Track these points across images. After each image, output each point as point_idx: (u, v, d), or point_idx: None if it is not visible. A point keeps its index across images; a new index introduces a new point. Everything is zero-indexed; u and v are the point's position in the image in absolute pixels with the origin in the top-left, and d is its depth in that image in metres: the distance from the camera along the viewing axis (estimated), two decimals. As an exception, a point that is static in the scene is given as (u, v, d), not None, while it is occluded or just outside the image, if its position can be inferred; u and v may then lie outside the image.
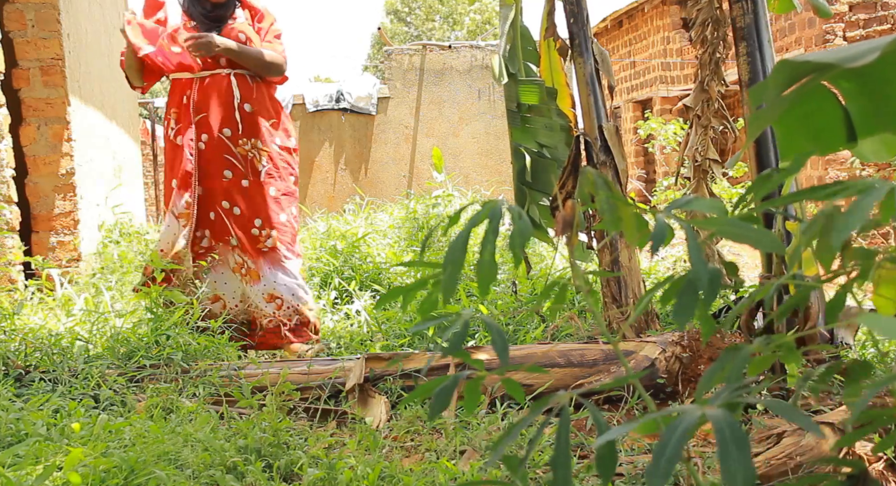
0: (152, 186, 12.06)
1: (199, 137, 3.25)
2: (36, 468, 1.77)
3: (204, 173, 3.26)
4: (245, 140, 3.26)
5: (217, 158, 3.25)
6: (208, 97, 3.24)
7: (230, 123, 3.25)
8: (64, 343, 3.02)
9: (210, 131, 3.24)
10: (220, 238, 3.29)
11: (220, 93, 3.24)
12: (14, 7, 4.58)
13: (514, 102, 3.04)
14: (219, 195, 3.26)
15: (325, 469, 1.86)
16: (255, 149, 3.28)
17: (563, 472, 0.60)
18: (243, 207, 3.28)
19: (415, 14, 31.82)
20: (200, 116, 3.25)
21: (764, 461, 1.85)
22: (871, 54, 0.58)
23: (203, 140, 3.25)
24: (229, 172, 3.26)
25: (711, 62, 3.12)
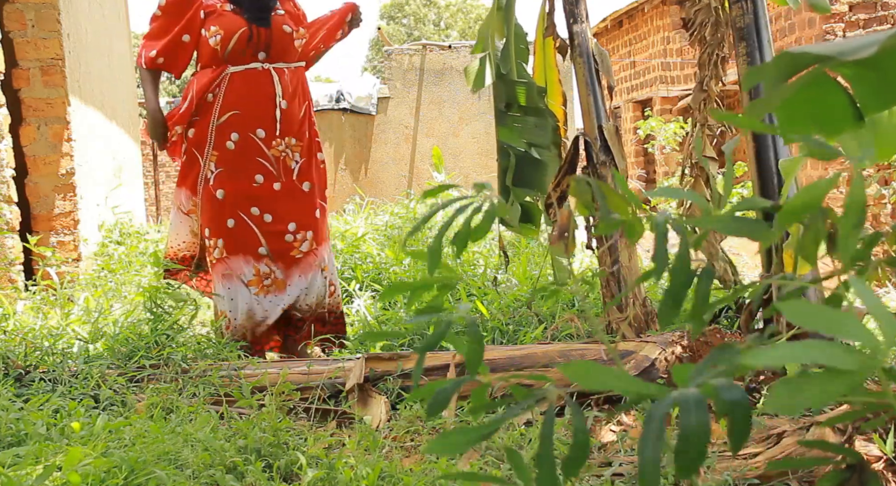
0: (152, 186, 12.06)
1: (228, 136, 2.96)
2: (36, 468, 1.77)
3: (229, 176, 2.97)
4: (279, 140, 3.01)
5: (248, 160, 2.98)
6: (241, 94, 2.96)
7: (265, 124, 3.00)
8: (64, 343, 3.02)
9: (242, 131, 2.97)
10: (239, 250, 2.99)
11: (256, 90, 2.97)
12: (14, 7, 4.58)
13: (502, 102, 3.05)
14: (243, 202, 2.97)
15: (325, 469, 1.86)
16: (289, 148, 3.04)
17: (547, 468, 0.61)
18: (275, 213, 3.01)
19: (410, 17, 31.90)
20: (231, 114, 2.96)
21: (764, 461, 1.85)
22: (869, 48, 0.58)
23: (233, 140, 2.96)
24: (260, 177, 2.99)
25: (710, 62, 3.13)
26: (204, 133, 2.99)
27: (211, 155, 2.96)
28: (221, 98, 2.96)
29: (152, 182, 12.08)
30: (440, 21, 31.79)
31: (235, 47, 2.92)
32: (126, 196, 6.07)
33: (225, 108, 2.95)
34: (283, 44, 3.02)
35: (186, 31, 2.99)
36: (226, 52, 2.93)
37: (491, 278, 3.86)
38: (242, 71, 2.95)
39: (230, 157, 2.95)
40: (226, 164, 2.95)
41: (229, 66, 2.95)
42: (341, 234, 4.88)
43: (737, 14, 2.60)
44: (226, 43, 2.92)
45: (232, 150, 2.95)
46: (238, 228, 2.95)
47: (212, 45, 2.94)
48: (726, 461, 1.91)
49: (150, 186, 12.13)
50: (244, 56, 2.95)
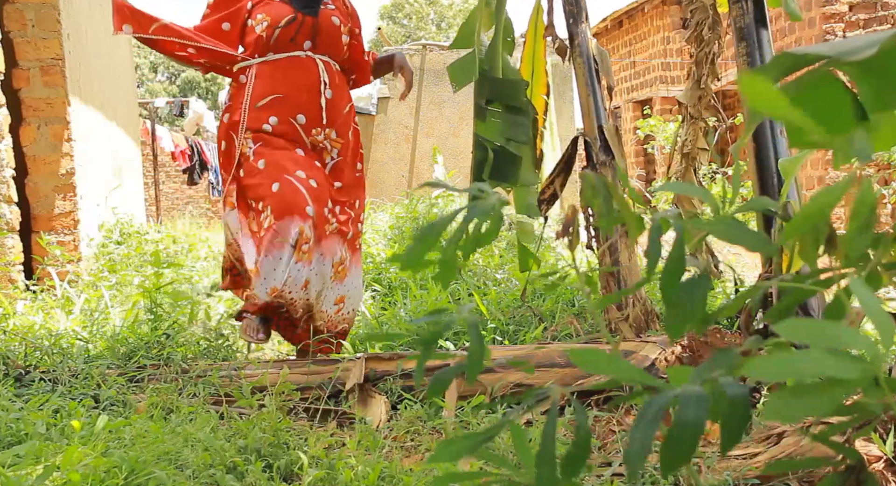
0: (152, 186, 12.06)
1: (266, 119, 2.88)
2: (36, 468, 1.77)
3: (268, 149, 2.88)
4: (319, 130, 2.94)
5: (287, 141, 2.91)
6: (284, 79, 2.89)
7: (307, 110, 2.91)
8: (64, 343, 3.02)
9: (282, 115, 2.89)
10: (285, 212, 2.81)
11: (300, 76, 2.90)
12: (14, 7, 4.58)
13: (483, 97, 3.06)
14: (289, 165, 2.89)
15: (326, 469, 1.86)
16: (329, 140, 2.97)
17: (548, 466, 0.61)
18: (319, 182, 2.93)
19: (409, 18, 31.91)
20: (272, 98, 2.89)
21: (764, 461, 1.85)
22: (870, 48, 0.58)
23: (271, 123, 2.89)
24: (301, 151, 2.93)
25: (707, 60, 3.15)
26: (236, 116, 2.94)
27: (247, 134, 2.90)
28: (253, 81, 2.91)
29: (152, 182, 12.08)
30: (441, 21, 31.83)
31: (281, 34, 2.87)
32: (126, 196, 6.07)
33: (264, 91, 2.88)
34: (330, 35, 2.96)
35: (228, 20, 2.93)
36: (272, 39, 2.87)
37: (491, 278, 3.86)
38: (286, 57, 2.90)
39: (267, 137, 2.89)
40: (264, 141, 2.88)
41: (272, 53, 2.90)
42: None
43: (737, 14, 2.60)
44: (272, 29, 2.87)
45: (269, 132, 2.89)
46: (285, 188, 2.80)
47: (258, 33, 2.89)
48: (726, 461, 1.91)
49: (150, 186, 12.14)
50: (290, 44, 2.89)
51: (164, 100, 13.03)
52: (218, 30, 2.92)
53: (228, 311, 3.72)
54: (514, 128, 3.02)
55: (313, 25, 2.91)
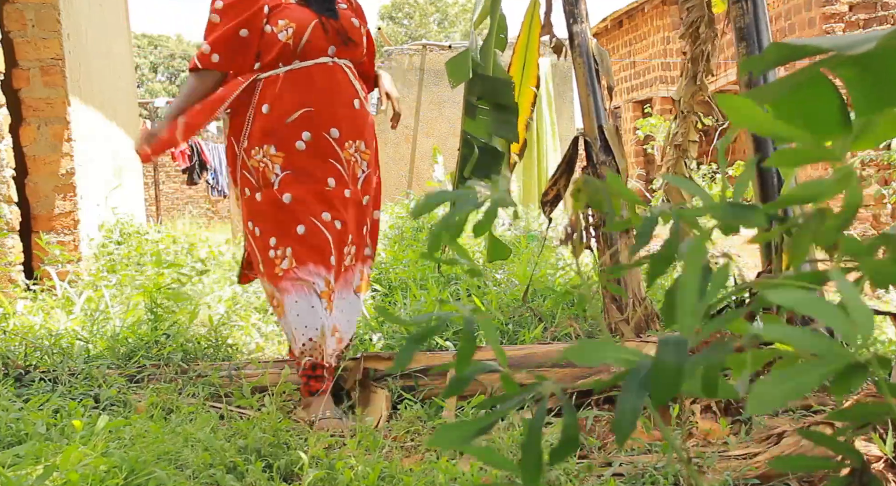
0: (152, 186, 12.06)
1: (299, 135, 2.60)
2: (36, 468, 1.77)
3: (297, 179, 2.60)
4: (351, 142, 2.68)
5: (320, 162, 2.63)
6: (314, 90, 2.63)
7: (339, 123, 2.65)
8: (64, 343, 3.02)
9: (315, 130, 2.61)
10: (309, 258, 2.59)
11: (330, 86, 2.66)
12: (14, 7, 4.58)
13: (474, 95, 3.06)
14: (315, 206, 2.60)
15: (325, 469, 1.86)
16: (359, 152, 2.72)
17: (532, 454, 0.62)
18: (344, 222, 2.67)
19: (410, 17, 31.93)
20: (303, 111, 2.60)
21: (764, 461, 1.85)
22: (868, 43, 0.58)
23: (304, 139, 2.60)
24: (332, 181, 2.63)
25: (703, 58, 3.17)
26: (240, 126, 2.66)
27: (275, 156, 2.59)
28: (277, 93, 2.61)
29: (152, 182, 12.08)
30: (444, 20, 31.85)
31: (309, 41, 2.63)
32: (126, 196, 6.07)
33: (294, 104, 2.60)
34: (353, 38, 2.74)
35: (245, 26, 2.61)
36: (299, 47, 2.63)
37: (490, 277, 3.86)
38: (314, 65, 2.65)
39: (300, 158, 2.60)
40: (294, 166, 2.59)
41: (297, 61, 2.64)
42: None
43: (737, 14, 2.60)
44: (299, 36, 2.62)
45: (303, 151, 2.59)
46: (310, 234, 2.58)
47: (282, 40, 2.61)
48: (726, 461, 1.91)
49: (150, 186, 12.14)
50: (317, 50, 2.65)
51: (164, 100, 13.03)
52: (235, 37, 2.61)
53: (228, 311, 3.72)
54: (501, 126, 3.02)
55: (337, 28, 2.70)
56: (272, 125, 2.59)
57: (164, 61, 32.08)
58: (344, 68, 2.69)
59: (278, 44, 2.61)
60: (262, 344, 3.44)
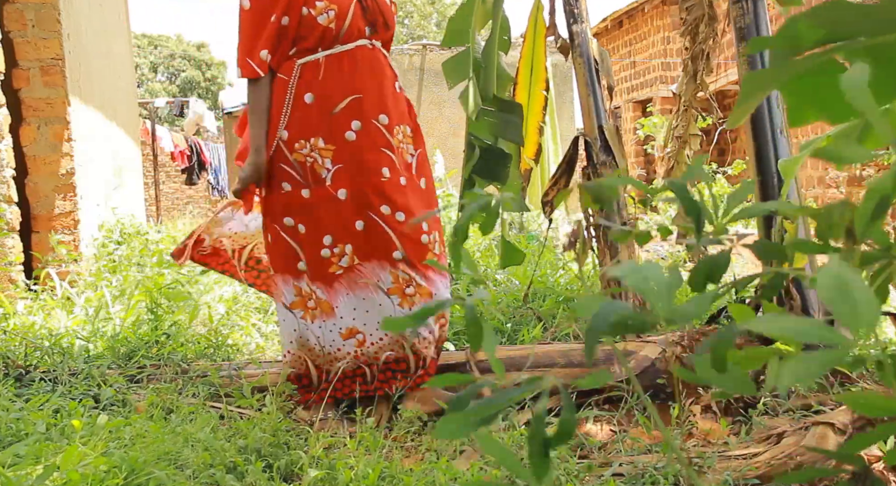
0: (152, 186, 12.06)
1: (348, 124, 2.44)
2: (36, 468, 1.77)
3: (350, 172, 2.44)
4: (398, 128, 2.53)
5: (372, 152, 2.46)
6: (358, 75, 2.46)
7: (387, 108, 2.49)
8: (64, 343, 3.02)
9: (364, 118, 2.45)
10: (372, 255, 2.45)
11: (373, 70, 2.50)
12: (14, 7, 4.58)
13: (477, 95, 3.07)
14: (374, 198, 2.44)
15: (325, 469, 1.86)
16: (406, 137, 2.57)
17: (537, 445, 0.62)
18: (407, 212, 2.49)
19: (410, 17, 31.94)
20: (351, 99, 2.44)
21: (764, 461, 1.85)
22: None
23: (354, 129, 2.44)
24: (387, 170, 2.46)
25: (703, 55, 3.19)
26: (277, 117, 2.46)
27: (324, 150, 2.43)
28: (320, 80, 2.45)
29: (152, 182, 12.08)
30: (443, 20, 31.87)
31: (352, 24, 2.46)
32: (126, 196, 6.07)
33: (340, 91, 2.44)
34: (388, 18, 2.58)
35: (286, 13, 2.43)
36: (342, 30, 2.45)
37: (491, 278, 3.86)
38: (356, 48, 2.47)
39: (352, 150, 2.43)
40: (346, 159, 2.43)
41: (339, 45, 2.47)
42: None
43: (737, 14, 2.60)
44: (342, 19, 2.44)
45: (353, 141, 2.43)
46: (369, 230, 2.44)
47: (323, 24, 2.43)
48: (726, 461, 1.91)
49: (150, 186, 12.14)
50: (357, 32, 2.48)
51: (164, 100, 13.03)
52: (275, 27, 2.43)
53: (228, 311, 3.72)
54: (506, 127, 3.02)
55: (374, 9, 2.52)
56: (318, 116, 2.42)
57: (164, 61, 32.09)
58: (381, 50, 2.54)
59: (319, 28, 2.43)
60: (263, 344, 3.44)
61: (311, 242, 2.44)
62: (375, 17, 2.51)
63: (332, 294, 2.44)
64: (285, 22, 2.43)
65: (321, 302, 2.45)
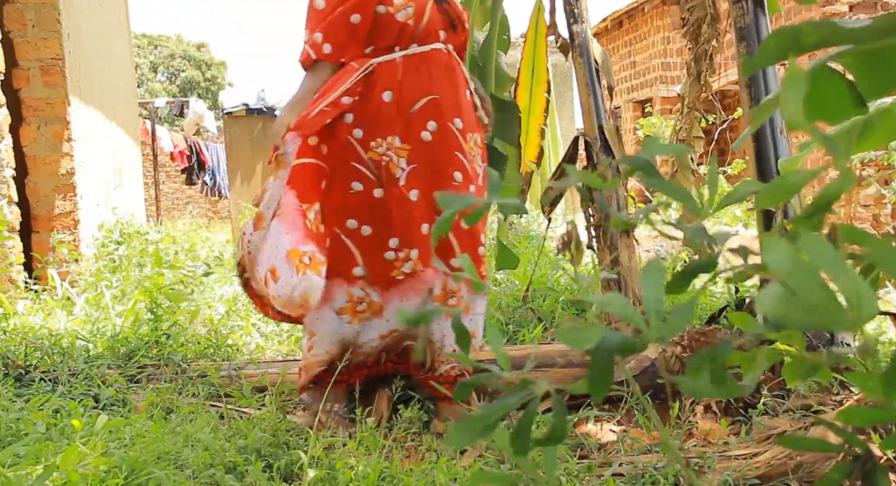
0: (152, 186, 12.06)
1: (425, 125, 2.36)
2: (36, 468, 1.77)
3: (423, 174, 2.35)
4: (471, 134, 2.46)
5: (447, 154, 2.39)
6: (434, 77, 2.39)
7: (461, 113, 2.42)
8: (64, 343, 3.02)
9: (440, 120, 2.38)
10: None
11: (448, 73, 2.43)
12: (14, 7, 4.58)
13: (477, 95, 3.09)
14: None
15: (325, 469, 1.86)
16: (476, 145, 2.49)
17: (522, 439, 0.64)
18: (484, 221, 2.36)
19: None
20: (428, 99, 2.37)
21: (764, 461, 1.85)
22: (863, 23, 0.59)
23: (430, 130, 2.36)
24: (459, 175, 2.38)
25: (706, 56, 3.19)
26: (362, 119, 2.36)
27: (400, 149, 2.36)
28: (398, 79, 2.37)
29: (152, 182, 12.08)
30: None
31: (428, 24, 2.40)
32: (126, 196, 6.07)
33: (416, 92, 2.37)
34: (462, 21, 2.51)
35: (357, 10, 2.35)
36: (419, 29, 2.39)
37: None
38: (431, 50, 2.41)
39: (427, 150, 2.36)
40: (420, 159, 2.35)
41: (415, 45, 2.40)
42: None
43: (737, 14, 2.60)
44: (419, 17, 2.38)
45: (429, 142, 2.36)
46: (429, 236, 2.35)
47: (401, 21, 2.37)
48: (726, 461, 1.91)
49: (150, 186, 12.14)
50: (432, 34, 2.41)
51: (164, 100, 13.03)
52: (346, 23, 2.36)
53: (228, 311, 3.73)
54: (502, 127, 3.02)
55: (449, 12, 2.46)
56: (396, 115, 2.34)
57: (164, 61, 32.09)
58: (455, 55, 2.47)
59: (397, 25, 2.37)
60: (263, 344, 3.44)
61: (376, 244, 2.34)
62: (450, 21, 2.44)
63: (385, 298, 2.36)
64: (356, 19, 2.35)
65: (372, 304, 2.36)
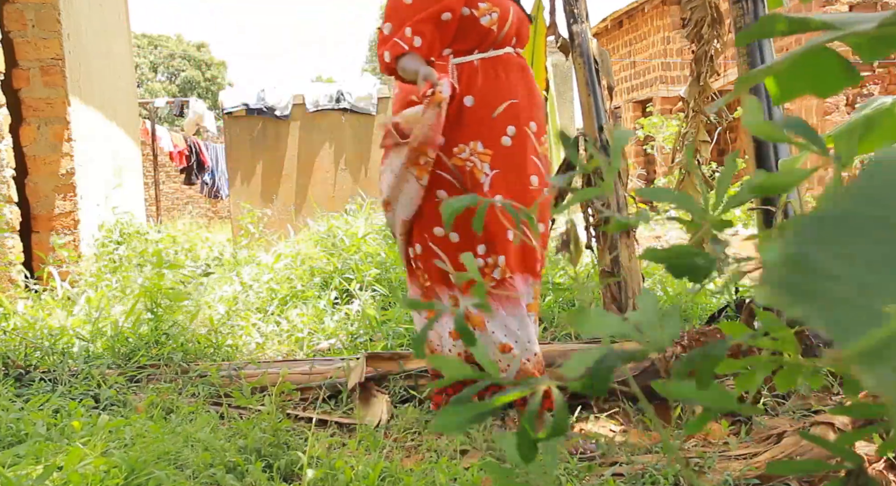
0: (152, 186, 12.06)
1: (504, 129, 2.34)
2: (36, 468, 1.77)
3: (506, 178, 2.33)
4: (544, 137, 2.46)
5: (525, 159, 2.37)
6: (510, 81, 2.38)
7: (536, 116, 2.41)
8: (64, 343, 3.02)
9: (518, 124, 2.36)
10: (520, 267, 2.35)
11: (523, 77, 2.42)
12: (14, 7, 4.58)
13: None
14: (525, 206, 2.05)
15: (326, 469, 1.86)
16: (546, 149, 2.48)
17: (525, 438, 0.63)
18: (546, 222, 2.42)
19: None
20: (508, 104, 2.35)
21: (764, 461, 1.85)
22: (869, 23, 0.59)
23: (510, 134, 2.35)
24: (535, 179, 2.37)
25: (707, 58, 3.18)
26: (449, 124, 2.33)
27: (483, 154, 2.33)
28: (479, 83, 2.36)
29: (152, 182, 12.08)
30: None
31: (509, 29, 2.39)
32: (126, 196, 6.07)
33: (498, 96, 2.36)
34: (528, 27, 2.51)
35: (448, 9, 2.34)
36: (501, 34, 2.38)
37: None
38: (506, 54, 2.40)
39: (506, 154, 2.34)
40: (502, 164, 2.33)
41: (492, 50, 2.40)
42: (343, 233, 4.89)
43: (737, 14, 2.60)
44: (503, 22, 2.38)
45: (508, 146, 2.34)
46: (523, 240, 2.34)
47: (485, 25, 2.36)
48: (726, 461, 1.91)
49: (150, 186, 12.14)
50: (508, 39, 2.41)
51: (164, 100, 13.03)
52: (436, 21, 2.34)
53: (228, 311, 3.72)
54: None
55: (521, 19, 2.47)
56: (478, 119, 2.32)
57: (164, 61, 32.09)
58: (523, 57, 2.46)
59: (480, 29, 2.36)
60: (263, 344, 3.44)
61: (464, 251, 2.28)
62: (519, 29, 2.45)
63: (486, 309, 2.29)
64: (446, 17, 2.34)
65: (472, 317, 2.30)
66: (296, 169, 9.00)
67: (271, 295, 4.10)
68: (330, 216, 5.46)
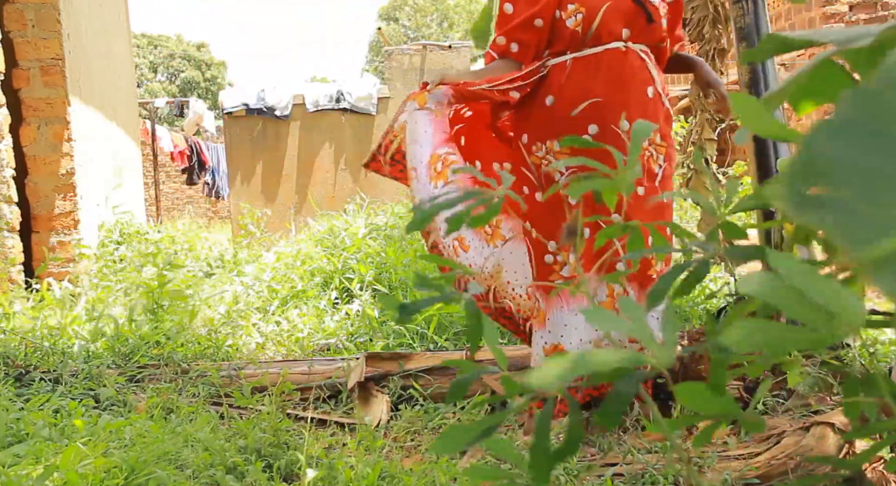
0: (152, 186, 12.07)
1: (585, 128, 2.33)
2: (36, 468, 1.77)
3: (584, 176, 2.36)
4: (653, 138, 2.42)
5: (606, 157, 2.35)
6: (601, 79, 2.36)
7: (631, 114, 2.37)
8: (64, 343, 3.02)
9: (602, 122, 2.34)
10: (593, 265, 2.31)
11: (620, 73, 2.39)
12: (14, 7, 4.58)
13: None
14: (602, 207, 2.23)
15: (325, 469, 1.86)
16: (654, 145, 2.43)
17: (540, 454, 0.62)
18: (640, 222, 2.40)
19: (410, 18, 31.98)
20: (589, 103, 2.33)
21: (764, 461, 1.85)
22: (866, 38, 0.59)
23: (591, 133, 2.33)
24: None
25: (709, 57, 3.19)
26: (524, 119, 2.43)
27: (559, 153, 2.35)
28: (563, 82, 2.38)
29: (152, 182, 12.09)
30: (443, 20, 31.88)
31: (600, 26, 2.37)
32: (126, 196, 6.07)
33: (578, 95, 2.35)
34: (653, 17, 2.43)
35: (540, 16, 2.38)
36: (588, 34, 2.38)
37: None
38: (604, 51, 2.38)
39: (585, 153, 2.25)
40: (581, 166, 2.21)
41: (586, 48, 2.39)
42: (344, 233, 4.89)
43: (737, 14, 2.60)
44: (589, 22, 2.37)
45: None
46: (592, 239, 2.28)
47: (570, 27, 2.38)
48: (726, 461, 1.91)
49: (150, 186, 12.14)
50: (609, 34, 2.38)
51: (164, 100, 13.04)
52: (530, 27, 2.40)
53: (229, 311, 3.72)
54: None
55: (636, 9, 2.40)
56: (555, 118, 2.35)
57: (164, 61, 32.09)
58: (639, 54, 2.41)
59: (566, 31, 2.38)
60: (263, 344, 3.44)
61: (539, 247, 2.37)
62: (635, 19, 2.39)
63: (549, 304, 2.33)
64: (539, 23, 2.39)
65: (539, 311, 2.32)
66: (296, 169, 9.00)
67: (272, 295, 4.10)
68: (330, 216, 5.46)
